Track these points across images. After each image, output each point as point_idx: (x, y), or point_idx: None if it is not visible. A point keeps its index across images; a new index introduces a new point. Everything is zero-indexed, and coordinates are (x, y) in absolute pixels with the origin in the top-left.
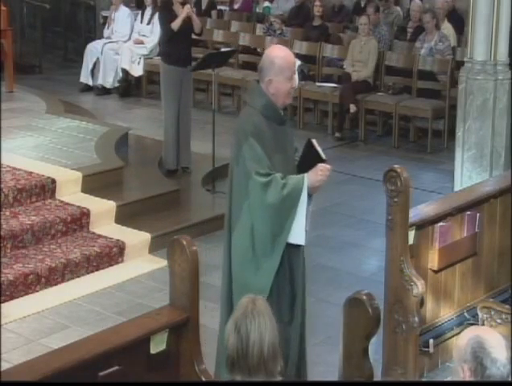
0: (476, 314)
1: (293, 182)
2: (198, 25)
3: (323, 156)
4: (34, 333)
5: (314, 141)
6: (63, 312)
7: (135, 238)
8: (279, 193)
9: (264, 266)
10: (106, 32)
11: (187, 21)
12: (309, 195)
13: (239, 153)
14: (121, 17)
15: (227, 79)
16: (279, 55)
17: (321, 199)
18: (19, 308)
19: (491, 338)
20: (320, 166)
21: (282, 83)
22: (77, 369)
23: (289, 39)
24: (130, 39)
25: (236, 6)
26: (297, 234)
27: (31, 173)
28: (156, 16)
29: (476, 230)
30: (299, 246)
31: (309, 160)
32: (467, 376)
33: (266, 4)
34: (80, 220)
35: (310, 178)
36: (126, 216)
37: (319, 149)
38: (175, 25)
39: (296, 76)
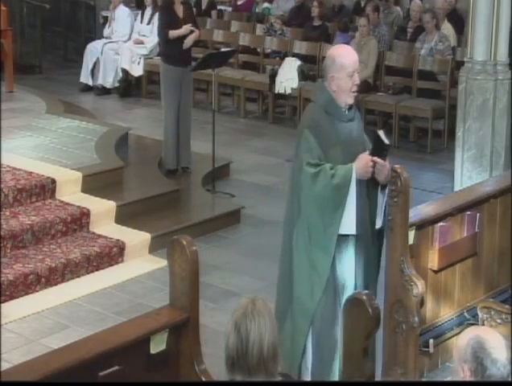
0: (476, 314)
1: (342, 173)
2: (196, 39)
3: (386, 141)
4: (34, 333)
5: (380, 132)
6: (63, 312)
7: (135, 238)
8: (328, 183)
9: (319, 257)
10: (106, 31)
11: (187, 21)
12: (384, 186)
13: (297, 147)
14: (121, 17)
15: (227, 79)
16: (341, 53)
17: None
18: (19, 308)
19: (491, 338)
20: (366, 156)
21: (344, 79)
22: (77, 369)
23: (289, 39)
24: (129, 39)
25: (239, 2)
26: (348, 224)
27: (31, 173)
28: (156, 16)
29: (476, 230)
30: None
31: (376, 148)
32: (467, 376)
33: (266, 5)
34: (80, 220)
35: (358, 168)
36: (126, 216)
37: (382, 136)
38: (172, 35)
39: (357, 75)
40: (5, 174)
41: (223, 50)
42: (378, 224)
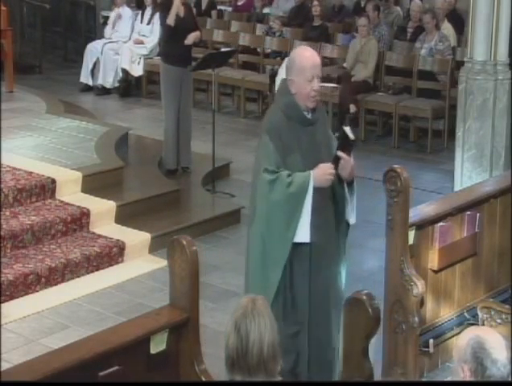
0: (476, 314)
1: (298, 181)
2: (197, 38)
3: (351, 136)
4: (34, 333)
5: (346, 128)
6: (63, 312)
7: (135, 238)
8: (284, 191)
9: (272, 264)
10: (108, 32)
11: (187, 21)
12: (350, 184)
13: (257, 150)
14: (124, 17)
15: (227, 79)
16: (302, 55)
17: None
18: (19, 308)
19: (491, 338)
20: (325, 165)
21: (302, 84)
22: (77, 369)
23: (289, 39)
24: (130, 39)
25: (240, 3)
26: (302, 233)
27: (31, 173)
28: (156, 16)
29: (476, 230)
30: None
31: (341, 144)
32: (467, 376)
33: (266, 10)
34: (80, 220)
35: (316, 176)
36: (126, 216)
37: (348, 131)
38: (170, 20)
39: (317, 80)
40: (5, 174)
41: (223, 50)
42: (352, 221)
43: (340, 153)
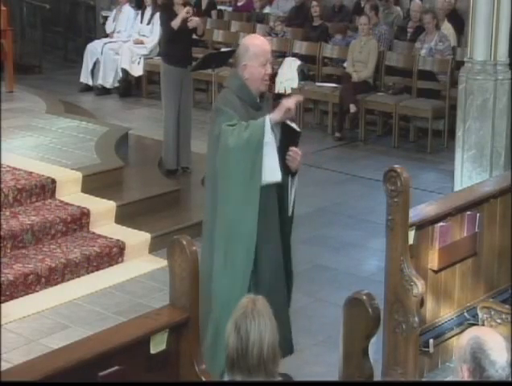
0: (476, 314)
1: (255, 123)
2: (200, 27)
3: (296, 128)
4: (34, 333)
5: (288, 121)
6: (63, 312)
7: (135, 238)
8: (242, 134)
9: (246, 211)
10: (110, 26)
11: (188, 21)
12: (294, 174)
13: (212, 126)
14: (126, 17)
15: None
16: (254, 43)
17: (321, 199)
18: (19, 308)
19: (491, 339)
20: (284, 101)
21: (256, 68)
22: (77, 369)
23: (289, 39)
24: (130, 38)
25: (240, 3)
26: (271, 172)
27: (31, 173)
28: (156, 16)
29: (476, 230)
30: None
31: (286, 138)
32: (465, 376)
33: (266, 10)
34: (80, 220)
35: (272, 116)
36: (126, 216)
37: (291, 124)
38: (175, 24)
39: (269, 65)
40: (5, 174)
41: (223, 50)
42: (288, 213)
43: (292, 148)
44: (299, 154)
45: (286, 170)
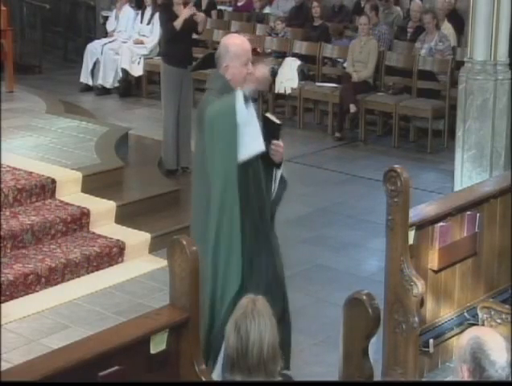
0: (476, 314)
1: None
2: (202, 23)
3: (276, 121)
4: (34, 333)
5: (267, 114)
6: (63, 312)
7: (135, 238)
8: (218, 111)
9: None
10: (111, 25)
11: (189, 21)
12: (278, 165)
13: (200, 127)
14: (126, 17)
15: None
16: (235, 43)
17: (321, 199)
18: (19, 308)
19: (491, 339)
20: (256, 71)
21: (238, 68)
22: (77, 369)
23: (289, 39)
24: (130, 37)
25: (240, 3)
26: (254, 144)
27: (31, 173)
28: (156, 16)
29: (476, 230)
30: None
31: (267, 131)
32: (465, 376)
33: (266, 11)
34: (80, 220)
35: (243, 90)
36: (126, 216)
37: (271, 117)
38: (178, 24)
39: (250, 64)
40: (5, 174)
41: None
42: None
43: (274, 142)
44: (281, 146)
45: (270, 163)
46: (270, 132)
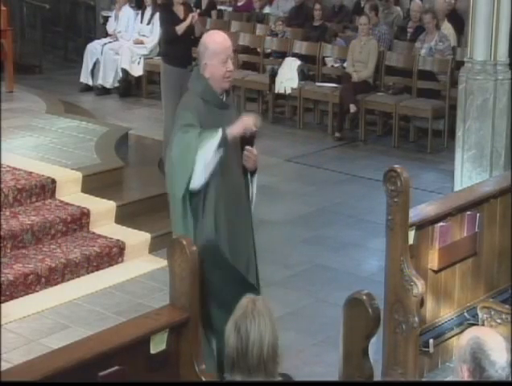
0: (476, 314)
1: (208, 133)
2: (200, 29)
3: (253, 128)
4: (34, 333)
5: (245, 117)
6: (63, 312)
7: (135, 238)
8: (195, 134)
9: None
10: (111, 26)
11: (190, 24)
12: (252, 173)
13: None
14: (126, 17)
15: None
16: (214, 40)
17: (321, 198)
18: (19, 308)
19: (491, 340)
20: (244, 118)
21: (217, 66)
22: (77, 369)
23: (289, 39)
24: (130, 38)
25: (240, 3)
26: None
27: (31, 173)
28: (156, 16)
29: (476, 230)
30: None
31: (243, 136)
32: (465, 377)
33: (266, 11)
34: (80, 220)
35: (230, 131)
36: (126, 216)
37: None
38: (180, 30)
39: (230, 61)
40: (5, 174)
41: None
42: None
43: (247, 147)
44: (254, 154)
45: (244, 170)
46: (244, 138)
